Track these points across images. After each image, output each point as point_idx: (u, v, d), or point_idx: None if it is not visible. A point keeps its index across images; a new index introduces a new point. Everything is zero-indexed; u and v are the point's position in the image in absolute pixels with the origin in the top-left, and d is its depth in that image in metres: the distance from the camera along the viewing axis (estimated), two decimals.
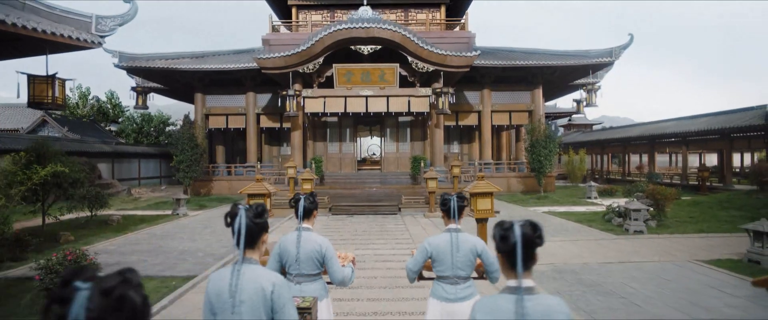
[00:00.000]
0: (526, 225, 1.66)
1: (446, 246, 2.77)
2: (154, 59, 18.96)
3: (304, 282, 2.74)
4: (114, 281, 0.95)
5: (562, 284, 5.96)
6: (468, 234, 2.84)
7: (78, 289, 0.90)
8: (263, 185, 6.84)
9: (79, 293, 0.90)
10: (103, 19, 7.24)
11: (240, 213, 1.88)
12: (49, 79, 6.94)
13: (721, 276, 6.24)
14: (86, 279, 0.92)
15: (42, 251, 8.16)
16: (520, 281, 1.60)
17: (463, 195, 2.98)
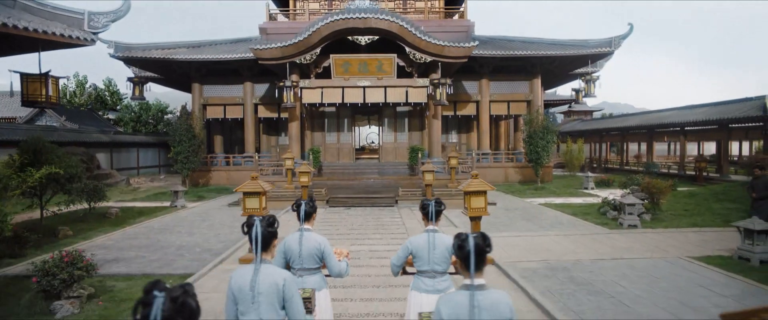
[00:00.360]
0: (478, 237, 2.05)
1: (424, 245, 3.19)
2: (151, 49, 18.81)
3: (305, 275, 3.21)
4: (179, 292, 1.39)
5: (554, 282, 6.04)
6: (443, 234, 3.25)
7: (156, 297, 1.35)
8: (258, 183, 6.88)
9: (157, 299, 1.34)
10: (95, 16, 7.18)
11: (256, 224, 2.37)
12: (43, 78, 6.91)
13: (710, 274, 6.32)
14: (160, 290, 1.36)
15: (41, 246, 8.26)
16: (472, 280, 2.00)
17: (440, 201, 3.40)
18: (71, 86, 33.05)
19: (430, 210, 3.31)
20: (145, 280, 6.16)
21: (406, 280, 3.57)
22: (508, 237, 9.08)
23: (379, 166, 19.84)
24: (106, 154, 24.14)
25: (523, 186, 18.63)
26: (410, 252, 3.26)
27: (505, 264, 6.87)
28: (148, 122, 32.02)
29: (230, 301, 2.35)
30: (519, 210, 12.75)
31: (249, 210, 6.88)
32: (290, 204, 11.47)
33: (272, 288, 2.30)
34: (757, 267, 6.65)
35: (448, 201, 12.48)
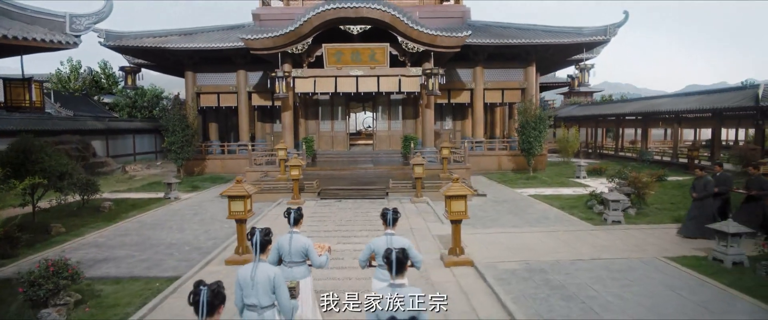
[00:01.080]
0: (399, 251, 2.94)
1: (383, 245, 3.96)
2: (142, 37, 18.64)
3: (294, 267, 4.26)
4: (215, 285, 2.47)
5: (529, 286, 6.21)
6: (400, 237, 4.19)
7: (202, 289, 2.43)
8: (243, 187, 6.98)
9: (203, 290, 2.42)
10: (77, 18, 7.16)
11: (256, 233, 3.40)
12: (25, 83, 6.93)
13: (682, 277, 6.49)
14: (205, 285, 2.45)
15: (33, 245, 8.44)
16: (395, 281, 2.93)
17: (397, 209, 4.38)
18: (65, 70, 32.82)
19: (388, 218, 4.29)
20: (134, 284, 6.38)
21: None
22: (492, 234, 9.24)
23: (373, 155, 19.92)
24: (102, 142, 24.19)
25: (516, 174, 18.77)
26: (372, 250, 4.23)
27: (485, 265, 7.03)
28: (143, 107, 31.91)
29: (237, 288, 3.36)
30: (508, 202, 12.90)
31: (234, 213, 7.00)
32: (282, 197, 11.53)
33: (266, 279, 3.30)
34: (730, 268, 6.81)
35: (435, 195, 12.65)
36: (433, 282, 6.31)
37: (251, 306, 3.33)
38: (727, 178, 8.82)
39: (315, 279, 4.77)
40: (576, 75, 19.76)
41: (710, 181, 8.47)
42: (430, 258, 7.33)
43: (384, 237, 4.21)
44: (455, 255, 6.97)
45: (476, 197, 13.83)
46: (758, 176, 8.37)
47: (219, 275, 6.60)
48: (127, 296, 5.94)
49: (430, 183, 13.50)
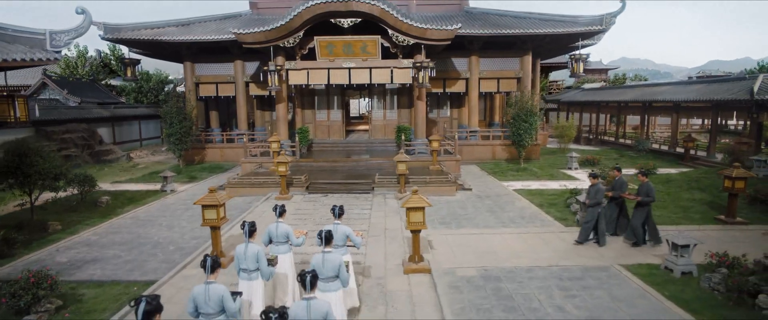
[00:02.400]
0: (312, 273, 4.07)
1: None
2: (140, 29, 18.96)
3: (279, 245, 6.01)
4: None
5: (479, 296, 6.57)
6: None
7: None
8: (215, 197, 7.40)
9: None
10: (57, 35, 7.51)
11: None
12: (9, 99, 7.36)
13: (628, 287, 6.79)
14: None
15: (30, 245, 9.06)
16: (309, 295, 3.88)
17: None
18: (72, 54, 33.35)
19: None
20: (114, 288, 6.93)
21: None
22: (464, 235, 9.59)
23: (368, 144, 20.22)
24: (108, 129, 24.89)
25: (509, 164, 18.93)
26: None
27: (444, 272, 7.42)
28: (149, 91, 32.49)
29: (235, 260, 5.30)
30: (490, 198, 13.17)
31: (208, 221, 7.45)
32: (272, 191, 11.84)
33: (253, 253, 5.19)
34: (678, 278, 7.09)
35: (422, 189, 12.97)
36: (387, 290, 6.72)
37: (244, 270, 5.27)
38: (622, 184, 9.12)
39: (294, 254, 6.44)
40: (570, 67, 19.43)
41: (601, 189, 8.77)
42: (392, 264, 7.74)
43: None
44: (414, 262, 7.36)
45: (461, 192, 14.15)
46: (646, 183, 8.69)
47: (194, 279, 7.16)
48: (106, 301, 6.49)
49: (415, 179, 13.80)
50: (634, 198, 8.71)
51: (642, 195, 8.60)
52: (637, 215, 8.67)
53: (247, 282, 5.23)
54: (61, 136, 20.17)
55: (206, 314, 4.06)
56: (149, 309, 3.26)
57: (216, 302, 4.04)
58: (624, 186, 9.07)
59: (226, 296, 4.07)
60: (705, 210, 11.34)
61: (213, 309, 4.04)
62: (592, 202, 8.66)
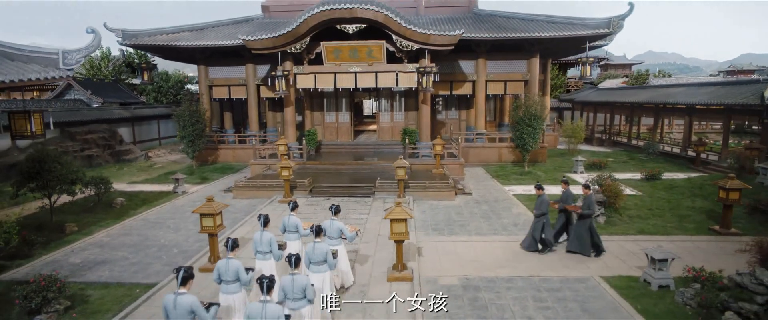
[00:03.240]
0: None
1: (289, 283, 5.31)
2: (156, 35, 19.73)
3: (290, 234, 7.36)
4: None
5: (455, 306, 6.88)
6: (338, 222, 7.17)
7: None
8: (212, 206, 7.90)
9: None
10: (69, 54, 8.09)
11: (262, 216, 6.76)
12: (27, 114, 8.01)
13: (603, 300, 6.99)
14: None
15: (48, 245, 9.77)
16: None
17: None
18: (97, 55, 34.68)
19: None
20: (118, 290, 7.51)
21: None
22: (454, 242, 9.88)
23: (375, 146, 20.58)
24: (128, 128, 25.97)
25: (514, 167, 18.99)
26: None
27: (426, 280, 7.76)
28: (168, 91, 33.60)
29: (253, 244, 6.70)
30: (488, 203, 13.39)
31: (205, 228, 7.96)
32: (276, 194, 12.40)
33: (267, 239, 6.58)
34: (655, 291, 7.24)
35: (420, 194, 13.30)
36: (368, 297, 7.09)
37: (260, 252, 6.65)
38: (569, 196, 9.26)
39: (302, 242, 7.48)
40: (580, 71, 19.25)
41: (546, 200, 9.06)
42: (378, 271, 8.11)
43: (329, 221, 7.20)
44: (398, 270, 7.71)
45: (461, 196, 14.39)
46: (589, 196, 8.85)
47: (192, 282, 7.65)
48: (109, 302, 7.07)
49: (415, 184, 14.11)
50: (578, 210, 8.90)
51: (584, 208, 8.82)
52: (579, 226, 8.90)
53: (262, 262, 6.66)
54: (83, 136, 21.22)
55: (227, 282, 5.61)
56: (185, 276, 4.59)
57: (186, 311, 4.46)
58: (570, 199, 9.24)
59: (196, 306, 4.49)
60: (702, 220, 11.31)
61: (231, 277, 5.57)
62: (538, 213, 9.00)
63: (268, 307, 4.45)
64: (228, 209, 12.82)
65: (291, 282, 5.11)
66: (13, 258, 8.84)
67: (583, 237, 8.81)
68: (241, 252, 8.17)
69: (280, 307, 4.59)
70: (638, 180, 16.12)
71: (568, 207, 9.10)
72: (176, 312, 4.41)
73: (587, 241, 8.80)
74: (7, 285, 7.51)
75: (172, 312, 4.44)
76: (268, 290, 4.58)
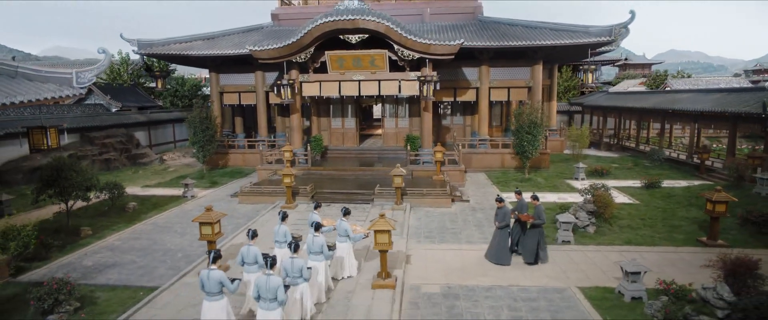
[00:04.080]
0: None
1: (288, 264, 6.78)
2: (169, 44, 20.57)
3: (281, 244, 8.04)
4: None
5: (433, 313, 7.28)
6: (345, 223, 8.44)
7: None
8: (210, 215, 8.47)
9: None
10: (81, 73, 8.78)
11: (281, 212, 8.14)
12: (43, 130, 8.74)
13: (575, 311, 7.30)
14: None
15: (64, 248, 10.52)
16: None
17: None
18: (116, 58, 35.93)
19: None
20: (124, 292, 8.14)
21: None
22: (443, 250, 10.28)
23: (380, 151, 21.04)
24: (144, 132, 27.01)
25: (516, 173, 19.20)
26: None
27: (409, 287, 8.19)
28: (184, 95, 34.70)
29: (274, 234, 8.08)
30: (483, 211, 13.71)
31: (204, 236, 8.54)
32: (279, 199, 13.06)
33: (283, 231, 7.99)
34: (628, 302, 7.52)
35: (417, 201, 13.70)
36: (351, 304, 7.55)
37: (278, 241, 7.95)
38: (523, 206, 9.68)
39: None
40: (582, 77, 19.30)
41: (507, 211, 9.41)
42: (364, 279, 8.56)
43: (338, 221, 8.50)
44: (382, 278, 8.15)
45: (458, 203, 14.76)
46: (538, 206, 9.41)
47: (192, 286, 8.25)
48: (115, 304, 7.70)
49: (413, 190, 14.52)
50: (526, 219, 9.32)
51: (535, 217, 9.24)
52: (530, 235, 9.32)
53: (279, 249, 7.89)
54: (102, 141, 22.23)
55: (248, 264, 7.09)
56: (216, 256, 6.10)
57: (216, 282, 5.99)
58: (524, 209, 9.62)
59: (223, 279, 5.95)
60: (693, 230, 11.44)
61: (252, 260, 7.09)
62: (502, 224, 9.34)
63: (270, 279, 5.70)
64: (233, 213, 13.58)
65: (291, 264, 6.65)
66: (31, 261, 9.58)
67: (528, 246, 9.31)
68: None
69: (279, 279, 5.76)
70: (637, 188, 16.20)
71: (522, 216, 9.47)
72: (209, 283, 5.89)
73: (532, 249, 9.26)
74: (25, 287, 8.22)
75: (207, 284, 5.91)
76: (271, 266, 5.83)
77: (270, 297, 5.66)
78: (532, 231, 9.31)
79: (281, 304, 5.73)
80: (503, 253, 9.38)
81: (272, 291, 5.63)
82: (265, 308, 5.71)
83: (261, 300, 5.76)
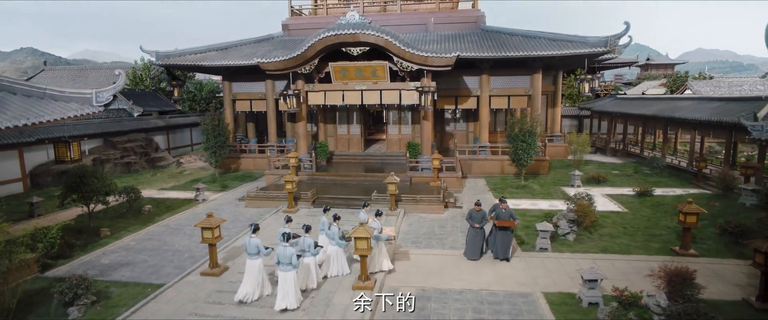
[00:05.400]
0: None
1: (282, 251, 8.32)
2: (185, 55, 21.86)
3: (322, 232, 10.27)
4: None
5: (403, 316, 8.09)
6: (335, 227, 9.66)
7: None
8: (210, 221, 9.46)
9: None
10: (100, 94, 9.91)
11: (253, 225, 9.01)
12: (67, 143, 9.90)
13: (536, 314, 7.97)
14: None
15: (85, 247, 11.71)
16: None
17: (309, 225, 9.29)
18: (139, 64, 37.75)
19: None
20: (135, 288, 9.20)
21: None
22: (427, 255, 11.04)
23: (383, 157, 21.88)
24: (163, 136, 28.50)
25: (514, 180, 19.73)
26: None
27: (387, 289, 8.99)
28: (202, 99, 36.22)
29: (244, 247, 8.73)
30: None
31: (206, 239, 9.53)
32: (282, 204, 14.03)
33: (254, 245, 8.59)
34: (585, 308, 8.16)
35: (411, 207, 14.45)
36: (331, 302, 8.41)
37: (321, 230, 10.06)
38: (500, 211, 10.66)
39: None
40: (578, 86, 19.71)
41: (485, 214, 10.73)
42: (347, 281, 9.38)
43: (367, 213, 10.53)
44: (361, 280, 8.99)
45: (451, 209, 15.47)
46: (507, 208, 10.60)
47: (192, 285, 9.24)
48: (126, 298, 8.76)
49: (407, 197, 15.31)
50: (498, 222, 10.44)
51: (505, 219, 10.40)
52: (506, 234, 10.51)
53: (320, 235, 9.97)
54: (123, 145, 23.71)
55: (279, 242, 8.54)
56: (256, 228, 8.63)
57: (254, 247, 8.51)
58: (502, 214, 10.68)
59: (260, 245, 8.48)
60: (671, 240, 11.88)
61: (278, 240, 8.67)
62: (481, 225, 10.53)
63: (287, 249, 7.98)
64: (238, 217, 14.61)
65: (303, 241, 8.88)
66: (56, 258, 10.75)
67: (506, 244, 10.51)
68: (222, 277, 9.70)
69: (293, 250, 8.02)
70: (629, 196, 16.60)
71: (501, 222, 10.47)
72: (249, 246, 8.32)
73: (508, 246, 10.50)
74: (50, 282, 9.34)
75: (248, 247, 8.36)
76: (287, 240, 8.18)
77: (286, 262, 7.97)
78: (505, 232, 10.45)
79: (294, 267, 8.07)
80: (475, 250, 10.59)
81: (288, 257, 7.98)
82: (283, 270, 7.96)
83: (280, 265, 8.02)
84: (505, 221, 10.36)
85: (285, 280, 7.97)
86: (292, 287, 7.98)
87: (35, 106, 9.00)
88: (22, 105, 8.86)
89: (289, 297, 7.95)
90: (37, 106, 9.04)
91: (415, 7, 24.87)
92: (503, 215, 10.46)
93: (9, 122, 8.02)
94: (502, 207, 10.58)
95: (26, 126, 8.36)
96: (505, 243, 10.47)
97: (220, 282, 9.42)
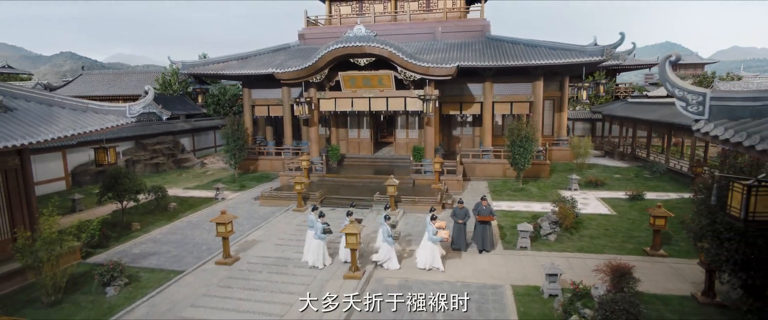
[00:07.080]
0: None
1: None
2: (208, 64, 23.71)
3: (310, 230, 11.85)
4: None
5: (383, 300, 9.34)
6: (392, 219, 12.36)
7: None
8: (224, 217, 10.96)
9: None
10: (132, 107, 11.56)
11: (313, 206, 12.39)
12: (105, 149, 11.60)
13: (501, 302, 9.10)
14: None
15: (119, 238, 13.45)
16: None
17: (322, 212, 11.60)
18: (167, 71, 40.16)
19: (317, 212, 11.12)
20: (160, 274, 10.80)
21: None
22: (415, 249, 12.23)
23: (391, 160, 23.13)
24: (189, 138, 30.57)
25: (513, 183, 20.66)
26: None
27: (375, 280, 10.28)
28: (225, 103, 38.35)
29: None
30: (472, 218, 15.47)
31: (220, 233, 11.03)
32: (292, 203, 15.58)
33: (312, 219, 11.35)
34: (546, 298, 9.23)
35: (410, 207, 15.72)
36: (324, 288, 9.76)
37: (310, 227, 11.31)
38: (480, 208, 12.11)
39: None
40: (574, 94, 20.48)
41: (468, 211, 12.18)
42: (341, 271, 10.72)
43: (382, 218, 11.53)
44: (352, 271, 10.30)
45: (450, 209, 16.58)
46: (487, 205, 12.11)
47: (207, 272, 10.76)
48: (153, 281, 10.34)
49: (406, 198, 16.53)
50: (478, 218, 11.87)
51: (485, 214, 11.80)
52: (479, 229, 12.12)
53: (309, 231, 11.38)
54: (153, 147, 25.78)
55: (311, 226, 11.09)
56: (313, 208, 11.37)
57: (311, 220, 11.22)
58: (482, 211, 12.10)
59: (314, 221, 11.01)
60: (647, 241, 12.65)
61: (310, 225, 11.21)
62: (464, 221, 11.89)
63: (317, 223, 10.93)
64: (253, 215, 16.14)
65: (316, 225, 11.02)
66: (96, 248, 12.50)
67: (487, 237, 12.04)
68: (257, 246, 11.19)
69: (322, 224, 10.84)
70: (622, 200, 17.34)
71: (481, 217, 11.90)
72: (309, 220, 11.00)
73: (490, 239, 12.04)
74: (91, 267, 11.06)
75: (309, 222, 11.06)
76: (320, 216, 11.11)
77: (319, 233, 10.76)
78: (485, 226, 11.98)
79: (322, 238, 10.88)
80: (460, 241, 12.02)
81: (319, 229, 10.77)
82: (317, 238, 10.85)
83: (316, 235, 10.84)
84: (485, 216, 11.69)
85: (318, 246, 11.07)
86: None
87: (80, 117, 10.69)
88: (69, 117, 10.57)
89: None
90: (82, 117, 10.73)
91: (424, 17, 26.02)
92: (483, 211, 11.81)
93: (61, 132, 9.70)
94: (483, 204, 11.99)
95: (74, 135, 10.03)
96: (486, 236, 11.98)
97: (231, 270, 10.90)
